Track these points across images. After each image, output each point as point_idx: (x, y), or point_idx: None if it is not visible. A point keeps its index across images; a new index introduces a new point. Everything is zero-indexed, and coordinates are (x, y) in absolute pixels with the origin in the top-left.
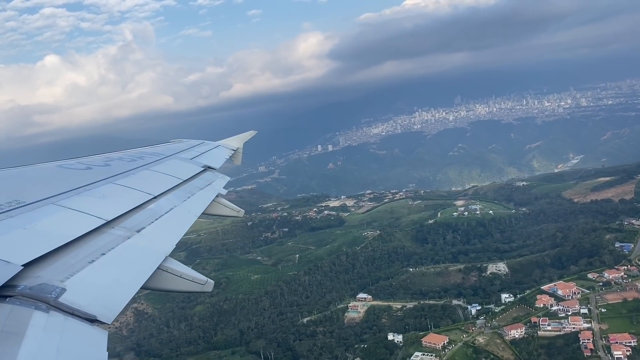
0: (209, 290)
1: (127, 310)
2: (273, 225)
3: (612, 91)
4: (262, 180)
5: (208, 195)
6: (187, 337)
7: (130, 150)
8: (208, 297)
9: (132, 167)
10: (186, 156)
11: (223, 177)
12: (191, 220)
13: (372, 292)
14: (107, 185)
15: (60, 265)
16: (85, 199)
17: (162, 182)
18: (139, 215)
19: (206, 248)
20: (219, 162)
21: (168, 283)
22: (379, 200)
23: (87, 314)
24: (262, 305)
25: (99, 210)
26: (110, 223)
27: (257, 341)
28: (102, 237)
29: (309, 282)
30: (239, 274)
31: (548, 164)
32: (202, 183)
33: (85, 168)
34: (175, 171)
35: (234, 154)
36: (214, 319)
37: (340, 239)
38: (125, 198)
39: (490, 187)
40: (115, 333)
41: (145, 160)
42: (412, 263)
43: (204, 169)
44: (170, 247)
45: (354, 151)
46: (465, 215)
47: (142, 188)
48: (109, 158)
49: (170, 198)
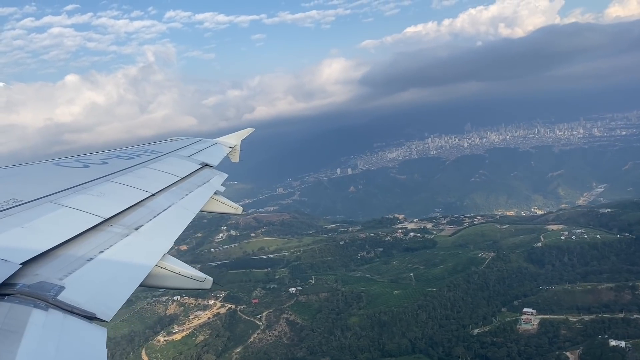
0: (207, 287)
1: (279, 320)
2: (365, 245)
3: (621, 122)
4: (283, 202)
5: (206, 193)
6: (358, 345)
7: (128, 148)
8: (359, 310)
9: (130, 165)
10: (184, 154)
11: (221, 174)
12: (189, 218)
13: (521, 306)
14: (105, 183)
15: (58, 264)
16: (83, 197)
17: (159, 180)
18: (137, 213)
19: (307, 265)
20: (216, 160)
21: (167, 280)
22: (457, 223)
23: (86, 312)
24: (420, 317)
25: (97, 208)
26: (109, 221)
27: (456, 347)
28: (100, 235)
29: (454, 297)
30: (373, 290)
31: (573, 192)
32: (200, 180)
33: (83, 166)
34: (173, 169)
35: (232, 151)
36: (375, 329)
37: (452, 259)
38: (123, 196)
39: (572, 213)
40: (277, 341)
41: (142, 158)
42: (541, 282)
43: (202, 166)
44: (169, 244)
45: (373, 175)
46: (573, 239)
47: (139, 186)
48: (106, 156)
49: (168, 196)
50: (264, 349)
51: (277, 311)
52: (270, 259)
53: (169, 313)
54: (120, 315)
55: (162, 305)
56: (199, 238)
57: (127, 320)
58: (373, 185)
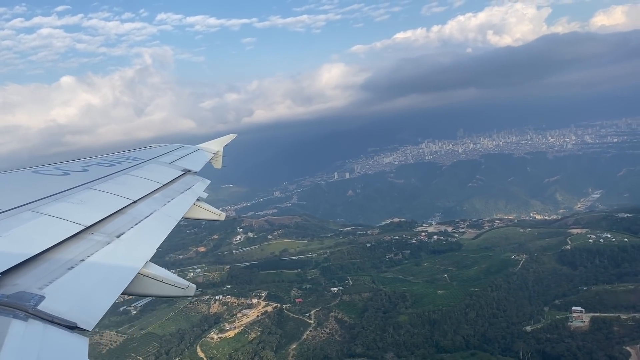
0: (190, 294)
1: (328, 318)
2: (391, 248)
3: (611, 129)
4: (282, 205)
5: (188, 199)
6: (412, 342)
7: (109, 154)
8: (406, 309)
9: (111, 172)
10: (165, 160)
11: (203, 180)
12: (172, 225)
13: (563, 305)
14: (85, 190)
15: (38, 273)
16: (63, 205)
17: (141, 187)
18: (118, 221)
19: (337, 267)
20: (199, 166)
21: (150, 288)
22: (478, 227)
23: (67, 321)
24: (469, 316)
25: (77, 216)
26: (90, 229)
27: (517, 342)
28: (81, 243)
29: (497, 297)
30: (415, 290)
31: (571, 197)
32: (182, 187)
33: (63, 174)
34: (155, 175)
35: (214, 157)
36: (426, 327)
37: (484, 261)
38: (104, 203)
39: (591, 218)
40: (329, 338)
41: (123, 164)
42: (577, 283)
43: (184, 172)
44: (151, 251)
45: (371, 179)
46: (601, 242)
47: (121, 193)
48: (87, 163)
49: (149, 202)
50: (319, 346)
51: (325, 310)
52: (298, 260)
53: (212, 312)
54: (165, 313)
55: (204, 305)
56: (215, 240)
57: (173, 318)
58: (372, 190)
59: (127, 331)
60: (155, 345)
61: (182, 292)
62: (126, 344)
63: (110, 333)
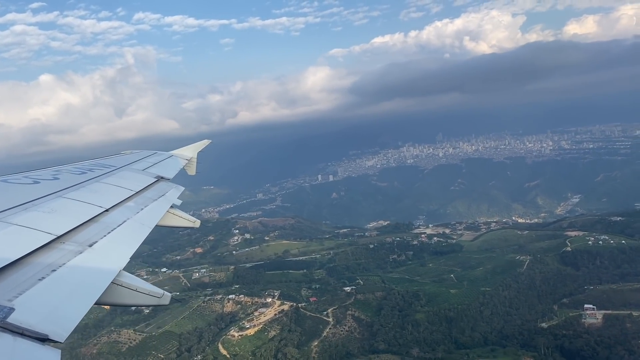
0: (165, 303)
1: (346, 316)
2: (394, 249)
3: (586, 135)
4: (266, 207)
5: (162, 206)
6: (432, 338)
7: (80, 162)
8: (422, 307)
9: (83, 180)
10: (138, 167)
11: (177, 187)
12: (145, 233)
13: (572, 304)
14: (56, 199)
15: (7, 284)
16: (33, 215)
17: (113, 195)
18: (90, 229)
19: (343, 267)
20: (172, 172)
21: (124, 297)
22: (475, 229)
23: (37, 333)
24: (484, 314)
25: (48, 226)
26: (61, 238)
27: (536, 338)
28: (52, 253)
29: (509, 296)
30: (427, 289)
31: (551, 201)
32: (155, 194)
33: (33, 182)
34: (128, 183)
35: (188, 164)
36: (444, 324)
37: (488, 262)
38: (75, 212)
39: (585, 221)
40: (349, 336)
41: (95, 172)
42: (581, 283)
43: (157, 179)
44: (124, 260)
45: (354, 182)
46: (601, 244)
47: (93, 201)
48: (57, 171)
49: (122, 210)
50: (340, 343)
51: (342, 308)
52: (302, 261)
53: (226, 310)
54: (179, 312)
55: (218, 304)
56: (211, 241)
57: (188, 317)
58: (355, 192)
59: (144, 329)
60: (175, 344)
61: (156, 300)
62: (145, 342)
63: (127, 331)
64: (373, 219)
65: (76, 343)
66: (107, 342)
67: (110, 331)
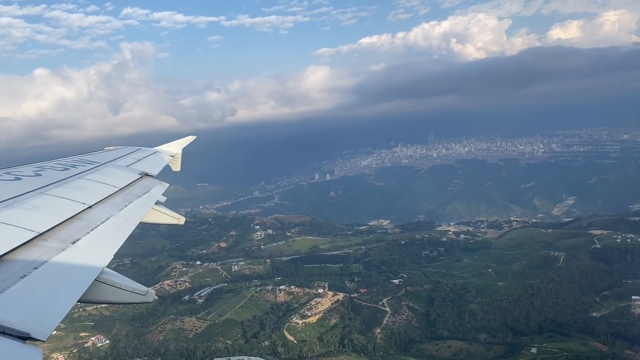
0: (150, 300)
1: (401, 306)
2: (425, 245)
3: (574, 139)
4: (265, 205)
5: (146, 203)
6: (490, 326)
7: (63, 159)
8: (474, 298)
9: (65, 177)
10: (122, 163)
11: (161, 183)
12: (129, 230)
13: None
14: (38, 196)
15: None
16: (15, 212)
17: (97, 191)
18: (73, 226)
19: (378, 262)
20: (157, 169)
21: (107, 295)
22: (497, 227)
23: (19, 332)
24: (535, 304)
25: (30, 223)
26: (43, 235)
27: (593, 325)
28: (34, 250)
29: (553, 288)
30: (474, 282)
31: (547, 203)
32: (140, 191)
33: (14, 179)
34: (111, 179)
35: (173, 160)
36: (498, 314)
37: (522, 258)
38: (58, 209)
39: (604, 220)
40: (408, 324)
41: (78, 168)
42: (618, 277)
43: (141, 176)
44: (108, 257)
45: (352, 181)
46: (629, 242)
47: (76, 198)
48: (39, 167)
49: (106, 207)
50: (401, 330)
51: (395, 299)
52: (336, 255)
53: (280, 300)
54: (235, 302)
55: (270, 294)
56: (234, 236)
57: (245, 306)
58: (354, 191)
59: (206, 317)
60: (239, 330)
61: (141, 298)
62: (211, 328)
63: (190, 319)
64: (373, 218)
65: (138, 330)
66: (172, 329)
67: (172, 319)
